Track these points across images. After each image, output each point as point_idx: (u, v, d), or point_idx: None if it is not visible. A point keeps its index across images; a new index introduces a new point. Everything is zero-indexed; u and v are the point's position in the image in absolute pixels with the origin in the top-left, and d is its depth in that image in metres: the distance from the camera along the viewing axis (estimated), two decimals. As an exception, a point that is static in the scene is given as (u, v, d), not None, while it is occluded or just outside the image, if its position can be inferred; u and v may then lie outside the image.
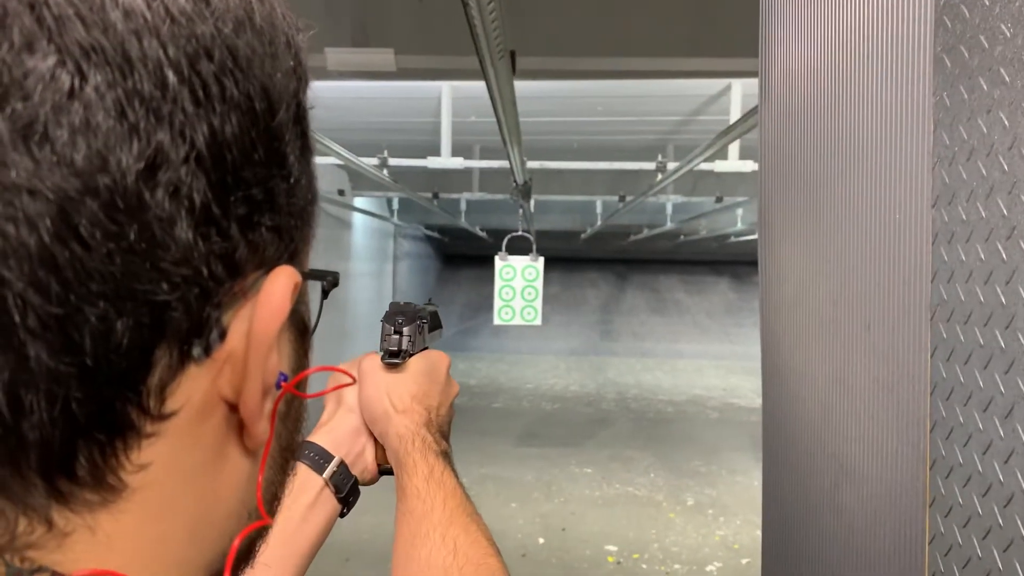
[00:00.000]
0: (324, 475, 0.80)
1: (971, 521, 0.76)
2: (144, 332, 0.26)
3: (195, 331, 0.28)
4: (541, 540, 4.97)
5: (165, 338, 0.27)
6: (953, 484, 0.79)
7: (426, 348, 0.95)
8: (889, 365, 0.89)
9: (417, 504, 0.76)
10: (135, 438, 0.28)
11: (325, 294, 0.43)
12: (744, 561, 4.69)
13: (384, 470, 0.88)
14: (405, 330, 0.88)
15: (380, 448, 0.87)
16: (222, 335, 0.29)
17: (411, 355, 0.89)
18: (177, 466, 0.29)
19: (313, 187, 0.37)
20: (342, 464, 0.83)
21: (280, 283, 0.31)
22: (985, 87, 0.74)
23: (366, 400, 0.86)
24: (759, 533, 1.38)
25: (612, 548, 4.87)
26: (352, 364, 0.91)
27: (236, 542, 0.34)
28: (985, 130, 0.74)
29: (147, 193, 0.26)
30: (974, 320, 0.76)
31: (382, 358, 0.88)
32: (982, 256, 0.75)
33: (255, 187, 0.30)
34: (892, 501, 0.88)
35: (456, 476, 0.81)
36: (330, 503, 0.80)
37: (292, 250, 0.34)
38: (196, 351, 0.28)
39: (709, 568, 4.61)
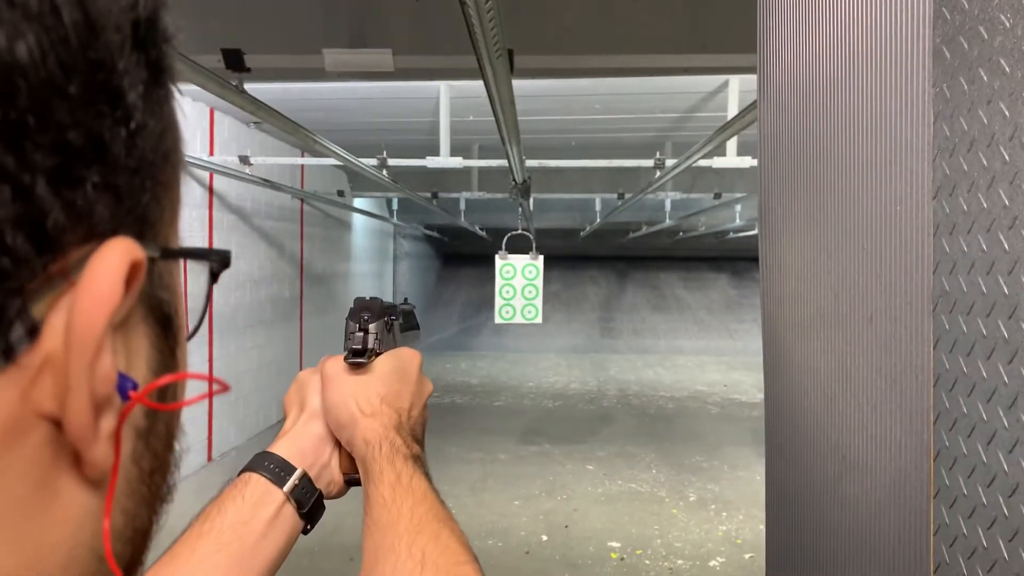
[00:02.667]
0: (285, 489, 0.73)
1: (976, 511, 0.76)
2: None
3: None
4: (544, 537, 4.98)
5: None
6: (957, 475, 0.79)
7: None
8: (892, 356, 0.89)
9: (383, 514, 0.69)
10: None
11: (214, 277, 0.34)
12: (748, 556, 4.70)
13: (350, 480, 0.80)
14: (371, 327, 0.81)
15: (347, 456, 0.80)
16: (31, 331, 0.23)
17: (378, 354, 0.82)
18: None
19: (172, 138, 0.29)
20: (305, 477, 0.75)
21: (110, 261, 0.24)
22: (985, 78, 0.74)
23: (330, 405, 0.79)
24: (762, 528, 1.38)
25: (615, 544, 4.88)
26: (314, 369, 0.84)
27: None
28: (986, 121, 0.74)
29: None
30: (977, 311, 0.76)
31: (345, 358, 0.80)
32: (984, 247, 0.75)
33: (71, 130, 0.23)
34: (896, 492, 0.88)
35: (428, 480, 0.74)
36: (292, 518, 0.73)
37: (140, 218, 0.26)
38: None
39: (712, 563, 4.61)
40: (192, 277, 0.34)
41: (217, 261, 0.34)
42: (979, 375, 0.76)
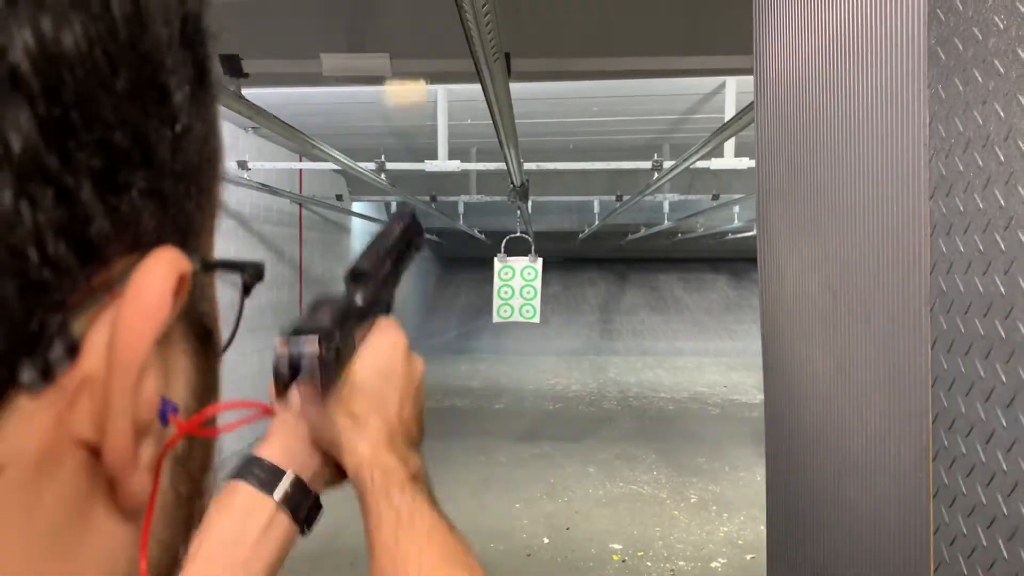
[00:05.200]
0: (276, 497, 0.67)
1: (975, 510, 0.77)
2: None
3: (21, 346, 0.19)
4: (546, 539, 4.97)
5: None
6: (956, 474, 0.79)
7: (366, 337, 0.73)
8: (890, 356, 0.89)
9: (388, 565, 0.63)
10: None
11: (247, 290, 0.32)
12: (749, 557, 4.69)
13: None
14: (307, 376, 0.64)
15: None
16: (71, 350, 0.20)
17: (339, 372, 0.68)
18: (8, 534, 0.21)
19: (214, 143, 0.27)
20: (297, 481, 0.68)
21: (158, 272, 0.22)
22: (980, 79, 0.74)
23: (314, 429, 0.71)
24: (763, 529, 1.38)
25: (617, 546, 4.87)
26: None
27: None
28: (981, 121, 0.75)
29: None
30: (974, 310, 0.77)
31: (277, 394, 0.69)
32: (980, 247, 0.75)
33: (117, 129, 0.21)
34: (896, 492, 0.89)
35: (431, 502, 0.67)
36: (286, 526, 0.67)
37: (184, 227, 0.24)
38: (27, 376, 0.19)
39: (714, 564, 4.61)
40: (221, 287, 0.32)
41: (252, 274, 0.32)
42: (977, 375, 0.76)
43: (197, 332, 0.27)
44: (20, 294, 0.19)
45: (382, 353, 0.73)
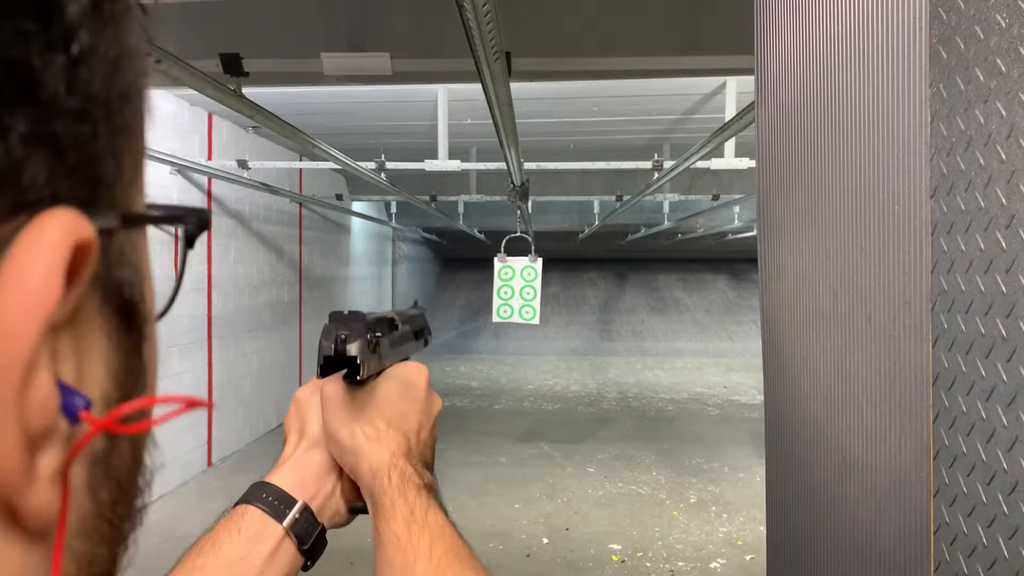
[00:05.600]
0: (284, 523, 0.66)
1: (976, 510, 0.77)
2: None
3: None
4: (545, 540, 4.97)
5: None
6: (957, 473, 0.79)
7: (404, 359, 0.79)
8: (891, 355, 0.89)
9: (397, 555, 0.62)
10: None
11: (189, 242, 0.27)
12: (748, 557, 4.69)
13: (356, 509, 0.73)
14: (353, 346, 0.68)
15: (352, 484, 0.72)
16: None
17: (371, 376, 0.72)
18: None
19: (132, 69, 0.22)
20: (306, 510, 0.68)
21: (43, 245, 0.17)
22: (981, 77, 0.74)
23: (331, 430, 0.71)
24: (762, 529, 1.38)
25: (616, 547, 4.87)
26: (314, 386, 0.75)
27: None
28: (982, 120, 0.74)
29: None
30: (975, 309, 0.76)
31: (318, 374, 0.70)
32: (982, 245, 0.75)
33: None
34: (896, 491, 0.89)
35: (444, 512, 0.67)
36: (292, 554, 0.66)
37: (91, 178, 0.20)
38: None
39: (713, 565, 4.61)
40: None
41: (194, 223, 0.26)
42: (978, 373, 0.76)
43: (117, 305, 0.22)
44: None
45: (409, 376, 0.75)
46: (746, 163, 5.30)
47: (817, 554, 1.08)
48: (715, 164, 5.44)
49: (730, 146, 5.36)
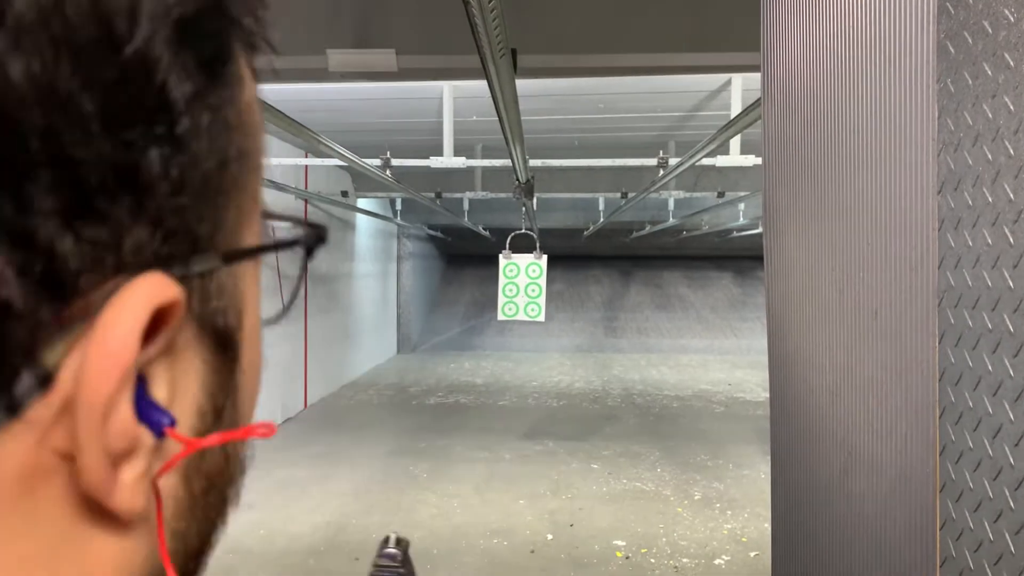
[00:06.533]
0: None
1: (982, 505, 0.77)
2: None
3: None
4: (549, 536, 4.98)
5: None
6: (963, 469, 0.79)
7: None
8: (897, 351, 0.89)
9: None
10: None
11: (309, 252, 0.30)
12: (752, 554, 4.69)
13: None
14: None
15: None
16: (44, 379, 0.20)
17: None
18: (6, 549, 0.21)
19: (241, 136, 0.25)
20: None
21: (128, 310, 0.20)
22: (989, 72, 0.74)
23: None
24: (767, 526, 1.38)
25: (620, 543, 4.88)
26: None
27: None
28: (990, 115, 0.74)
29: None
30: (982, 305, 0.76)
31: None
32: (989, 241, 0.75)
33: (87, 160, 0.19)
34: (902, 487, 0.89)
35: None
36: None
37: (189, 235, 0.23)
38: None
39: (718, 561, 4.61)
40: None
41: (312, 236, 0.30)
42: (984, 369, 0.76)
43: (212, 333, 0.25)
44: None
45: None
46: (751, 160, 5.29)
47: (822, 548, 1.08)
48: (720, 161, 5.43)
49: (735, 143, 5.35)
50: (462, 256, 18.06)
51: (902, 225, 0.89)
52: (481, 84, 3.08)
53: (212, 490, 0.27)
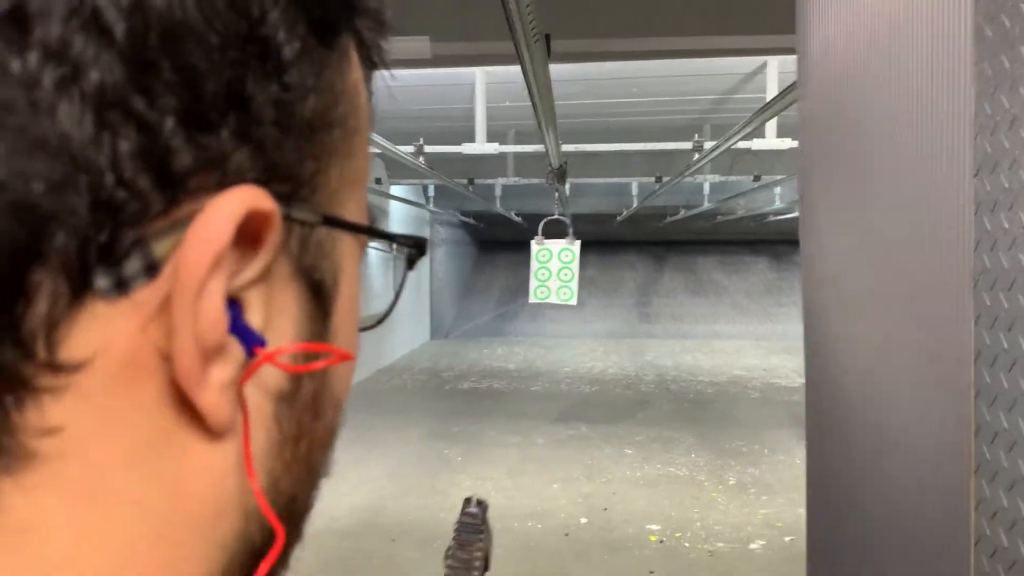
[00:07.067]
0: None
1: (1016, 485, 0.77)
2: (7, 243, 0.20)
3: (97, 256, 0.22)
4: (583, 520, 5.01)
5: (44, 258, 0.21)
6: (998, 449, 0.80)
7: None
8: (932, 334, 0.90)
9: None
10: (23, 390, 0.22)
11: (410, 264, 0.34)
12: (788, 539, 4.68)
13: None
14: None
15: None
16: (151, 269, 0.23)
17: None
18: (108, 439, 0.23)
19: (347, 108, 0.29)
20: None
21: (225, 205, 0.23)
22: (1026, 55, 0.74)
23: None
24: (802, 511, 1.39)
25: (654, 527, 4.90)
26: None
27: (263, 569, 0.27)
28: (1027, 98, 0.75)
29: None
30: (1018, 287, 0.77)
31: None
32: (1025, 223, 0.76)
33: (208, 76, 0.23)
34: (936, 468, 0.89)
35: None
36: None
37: (291, 177, 0.26)
38: (102, 283, 0.22)
39: (752, 547, 4.61)
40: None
41: (413, 246, 0.33)
42: (1019, 350, 0.77)
43: (308, 283, 0.28)
44: (91, 209, 0.21)
45: None
46: (788, 143, 5.23)
47: (857, 530, 1.09)
48: (756, 144, 5.38)
49: (771, 126, 5.29)
50: (494, 243, 18.10)
51: (938, 208, 0.89)
52: (514, 70, 3.09)
53: (303, 439, 0.29)
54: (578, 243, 6.40)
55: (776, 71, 5.06)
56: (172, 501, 0.24)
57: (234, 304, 0.25)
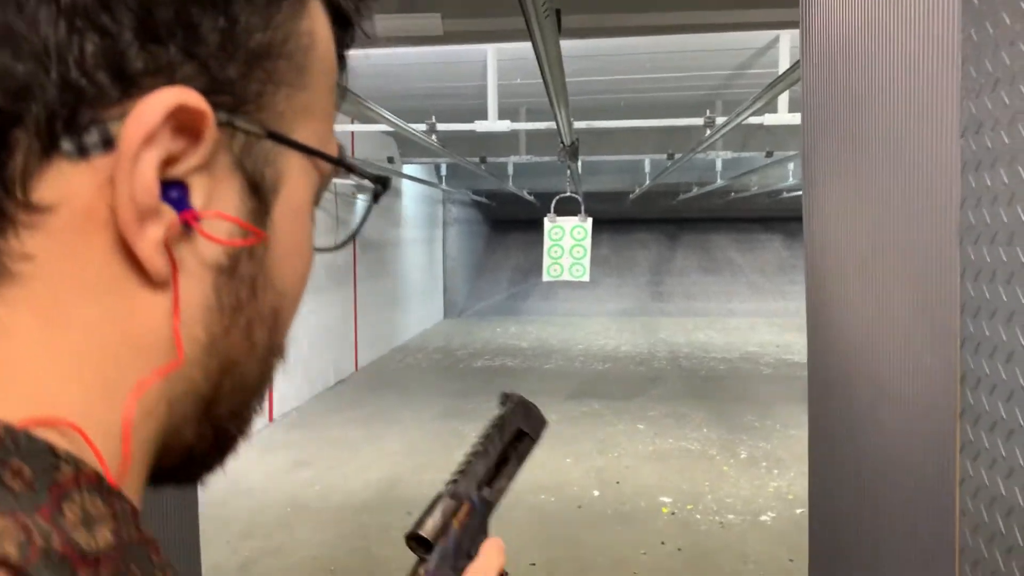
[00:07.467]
0: None
1: (997, 425, 0.83)
2: None
3: (63, 125, 0.28)
4: (596, 492, 5.10)
5: (23, 123, 0.27)
6: (981, 393, 0.85)
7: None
8: (923, 288, 0.95)
9: None
10: (6, 222, 0.28)
11: (375, 198, 0.40)
12: (799, 511, 4.74)
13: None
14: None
15: None
16: (107, 143, 0.28)
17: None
18: (70, 270, 0.29)
19: (295, 46, 0.34)
20: None
21: (162, 96, 0.28)
22: (1007, 20, 0.79)
23: None
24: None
25: (666, 500, 4.97)
26: None
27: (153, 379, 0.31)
28: (1008, 62, 0.79)
29: None
30: (999, 241, 0.82)
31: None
32: (1006, 180, 0.80)
33: (162, 2, 0.28)
34: (925, 414, 0.95)
35: None
36: None
37: (235, 93, 0.31)
38: (67, 146, 0.28)
39: (763, 518, 4.68)
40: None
41: (374, 181, 0.40)
42: (1000, 301, 0.82)
43: (250, 182, 0.33)
44: (60, 90, 0.27)
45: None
46: (800, 118, 5.22)
47: (853, 475, 1.15)
48: (768, 120, 5.37)
49: (783, 101, 5.28)
50: (507, 221, 18.11)
51: (927, 168, 0.94)
52: (525, 46, 3.12)
53: (241, 312, 0.34)
54: (590, 220, 6.43)
55: (788, 45, 5.05)
56: (120, 330, 0.30)
57: (181, 185, 0.30)
